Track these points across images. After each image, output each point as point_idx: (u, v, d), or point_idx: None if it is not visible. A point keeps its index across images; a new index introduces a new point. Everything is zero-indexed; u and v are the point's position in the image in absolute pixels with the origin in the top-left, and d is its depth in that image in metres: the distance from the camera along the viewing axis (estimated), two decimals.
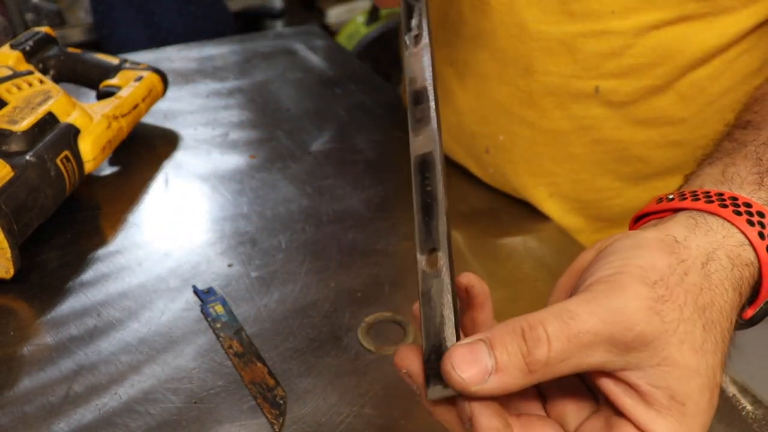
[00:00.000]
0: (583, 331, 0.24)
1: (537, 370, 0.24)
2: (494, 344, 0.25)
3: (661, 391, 0.25)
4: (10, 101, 0.56)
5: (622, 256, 0.27)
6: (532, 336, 0.24)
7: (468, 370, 0.24)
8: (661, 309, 0.25)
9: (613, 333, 0.24)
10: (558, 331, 0.24)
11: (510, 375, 0.24)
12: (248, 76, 0.86)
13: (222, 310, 0.48)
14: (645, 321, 0.24)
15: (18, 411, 0.40)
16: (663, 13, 0.49)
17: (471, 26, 0.56)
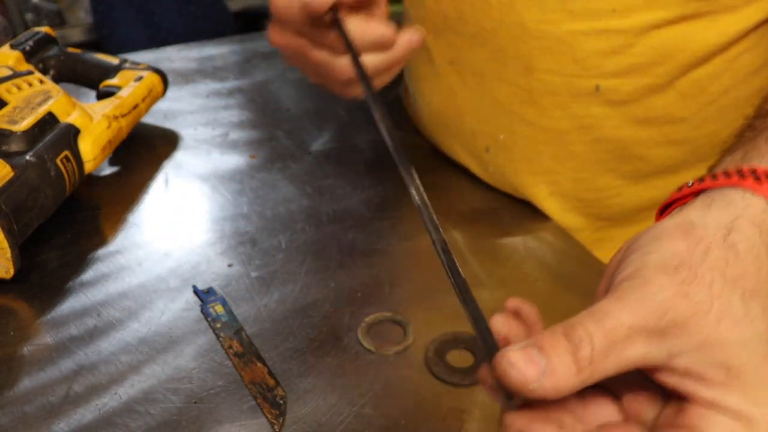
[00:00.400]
0: (617, 325, 0.25)
1: (585, 368, 0.25)
2: (543, 347, 0.26)
3: (715, 370, 0.25)
4: (10, 101, 0.56)
5: (642, 252, 0.27)
6: (574, 336, 0.25)
7: (524, 368, 0.25)
8: (689, 291, 0.25)
9: (647, 322, 0.25)
10: (595, 329, 0.25)
11: (561, 375, 0.25)
12: (248, 76, 0.86)
13: (222, 310, 0.48)
14: (674, 307, 0.25)
15: (18, 411, 0.40)
16: (664, 11, 0.49)
17: (471, 25, 0.56)
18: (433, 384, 0.43)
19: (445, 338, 0.46)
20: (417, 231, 0.58)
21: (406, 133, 0.71)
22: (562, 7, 0.50)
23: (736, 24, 0.50)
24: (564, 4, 0.50)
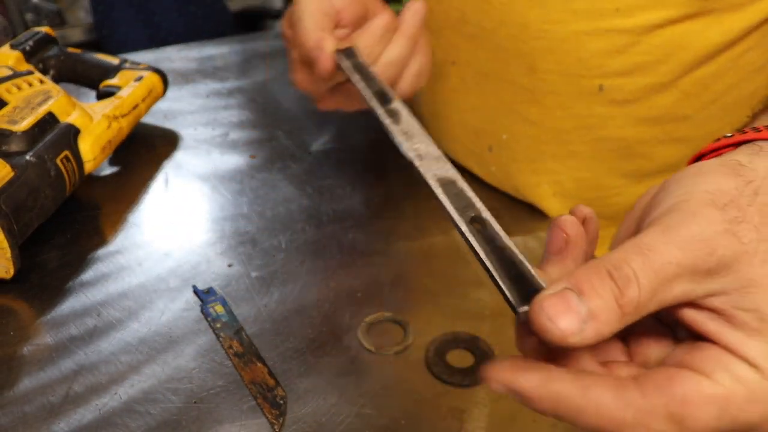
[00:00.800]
0: (666, 263, 0.23)
1: (630, 312, 0.23)
2: (583, 290, 0.23)
3: (750, 314, 0.24)
4: (10, 101, 0.56)
5: (685, 184, 0.26)
6: (621, 276, 0.23)
7: (564, 320, 0.23)
8: (737, 230, 0.24)
9: (695, 261, 0.23)
10: (643, 267, 0.23)
11: (605, 321, 0.23)
12: (248, 76, 0.86)
13: (222, 310, 0.48)
14: (724, 245, 0.24)
15: (18, 411, 0.40)
16: (668, 10, 0.49)
17: (473, 25, 0.56)
18: (433, 384, 0.43)
19: (445, 338, 0.46)
20: (417, 231, 0.58)
21: None
22: (564, 7, 0.50)
23: (740, 22, 0.50)
24: (567, 4, 0.50)
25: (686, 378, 0.24)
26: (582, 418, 0.24)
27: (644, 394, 0.23)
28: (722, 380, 0.23)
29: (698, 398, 0.23)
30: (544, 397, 0.24)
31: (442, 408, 0.42)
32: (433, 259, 0.54)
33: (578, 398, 0.23)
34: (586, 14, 0.50)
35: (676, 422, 0.23)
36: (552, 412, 0.24)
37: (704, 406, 0.23)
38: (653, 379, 0.24)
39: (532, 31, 0.52)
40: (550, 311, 0.23)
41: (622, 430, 0.23)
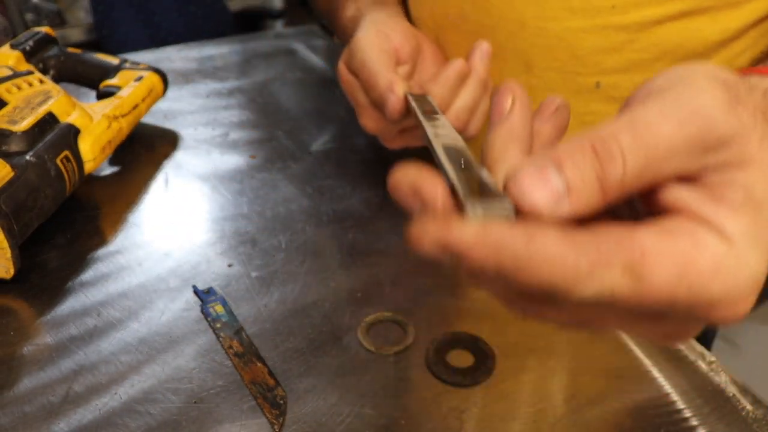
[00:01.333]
0: (660, 139, 0.22)
1: (611, 191, 0.22)
2: (563, 164, 0.22)
3: (738, 191, 0.22)
4: (10, 101, 0.56)
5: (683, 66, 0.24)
6: (605, 151, 0.22)
7: (539, 193, 0.21)
8: (737, 108, 0.23)
9: (693, 136, 0.22)
10: (632, 144, 0.22)
11: (583, 198, 0.22)
12: (248, 76, 0.86)
13: (222, 310, 0.48)
14: (725, 120, 0.22)
15: (18, 411, 0.40)
16: (664, 8, 0.49)
17: (471, 23, 0.56)
18: (433, 384, 0.43)
19: (445, 338, 0.46)
20: None
21: None
22: (561, 5, 0.51)
23: (737, 20, 0.50)
24: (564, 2, 0.50)
25: (647, 233, 0.22)
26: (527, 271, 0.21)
27: (599, 244, 0.21)
28: (685, 243, 0.22)
29: (658, 252, 0.21)
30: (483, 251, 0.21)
31: (442, 408, 0.42)
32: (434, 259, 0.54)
33: (523, 247, 0.21)
34: (583, 12, 0.50)
35: (633, 275, 0.21)
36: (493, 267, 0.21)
37: (664, 261, 0.21)
38: (610, 231, 0.22)
39: (530, 28, 0.52)
40: (525, 184, 0.21)
41: (572, 284, 0.21)
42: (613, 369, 0.44)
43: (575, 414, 0.41)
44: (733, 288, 0.22)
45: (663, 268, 0.21)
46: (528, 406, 0.42)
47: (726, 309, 0.23)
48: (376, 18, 0.53)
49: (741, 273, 0.22)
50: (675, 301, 0.22)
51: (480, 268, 0.21)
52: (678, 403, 0.42)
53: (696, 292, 0.22)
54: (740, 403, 0.42)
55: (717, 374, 0.44)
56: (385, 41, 0.50)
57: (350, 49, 0.51)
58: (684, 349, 0.46)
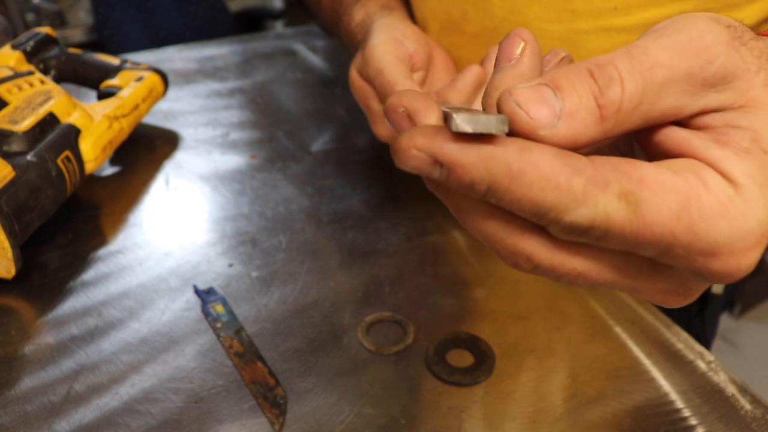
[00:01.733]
0: (657, 64, 0.21)
1: (609, 117, 0.21)
2: (561, 86, 0.21)
3: (743, 132, 0.21)
4: (11, 101, 0.56)
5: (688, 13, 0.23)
6: (603, 75, 0.21)
7: (537, 109, 0.20)
8: (740, 48, 0.22)
9: (691, 66, 0.21)
10: (630, 67, 0.21)
11: (581, 121, 0.21)
12: (249, 76, 0.86)
13: (222, 309, 0.48)
14: (726, 54, 0.21)
15: (19, 410, 0.41)
16: (666, 9, 0.49)
17: (474, 24, 0.56)
18: (433, 383, 0.43)
19: (445, 338, 0.46)
20: (417, 231, 0.58)
21: None
22: (563, 6, 0.51)
23: None
24: (566, 3, 0.50)
25: (648, 165, 0.21)
26: (518, 187, 0.20)
27: (596, 167, 0.20)
28: (688, 179, 0.21)
29: (657, 183, 0.20)
30: (473, 161, 0.20)
31: (442, 407, 0.42)
32: (434, 259, 0.55)
33: (515, 158, 0.20)
34: (585, 13, 0.50)
35: (630, 203, 0.20)
36: (483, 180, 0.20)
37: (663, 193, 0.20)
38: (608, 158, 0.21)
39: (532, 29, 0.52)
40: (521, 99, 0.20)
41: (564, 205, 0.20)
42: (613, 369, 0.45)
43: (574, 413, 0.41)
44: (738, 234, 0.21)
45: (662, 200, 0.20)
46: (527, 406, 0.42)
47: (728, 259, 0.21)
48: (388, 23, 0.53)
49: (747, 219, 0.21)
50: (673, 240, 0.21)
51: (469, 181, 0.20)
52: (677, 402, 0.42)
53: (697, 233, 0.21)
54: (739, 403, 0.42)
55: (716, 374, 0.44)
56: (400, 48, 0.50)
57: (364, 56, 0.50)
58: (683, 348, 0.46)
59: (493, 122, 0.19)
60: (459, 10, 0.57)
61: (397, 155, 0.21)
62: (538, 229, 0.22)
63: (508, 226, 0.22)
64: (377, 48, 0.49)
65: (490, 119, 0.19)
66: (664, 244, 0.21)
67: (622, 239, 0.21)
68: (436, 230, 0.58)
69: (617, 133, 0.22)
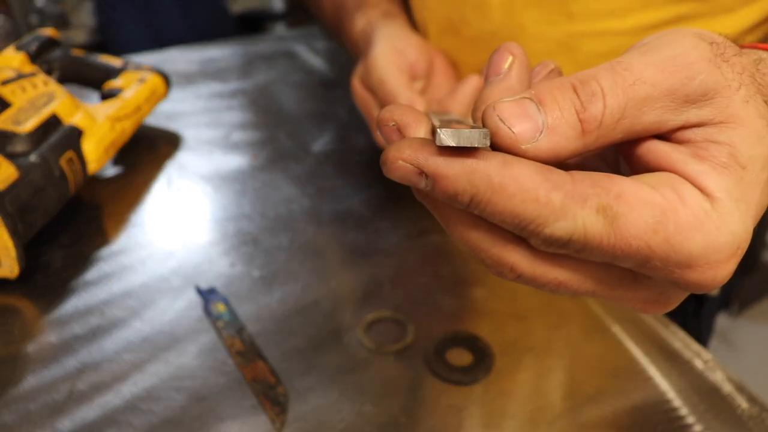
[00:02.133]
0: (639, 81, 0.22)
1: (591, 131, 0.21)
2: (543, 100, 0.22)
3: (722, 148, 0.22)
4: (14, 103, 0.56)
5: (673, 29, 0.24)
6: (586, 90, 0.22)
7: (519, 124, 0.21)
8: (721, 65, 0.22)
9: (673, 83, 0.22)
10: (612, 83, 0.22)
11: (563, 134, 0.21)
12: (250, 77, 0.87)
13: (224, 309, 0.49)
14: (707, 71, 0.22)
15: (22, 409, 0.41)
16: (661, 12, 0.49)
17: (473, 28, 0.57)
18: (433, 382, 0.44)
19: (445, 337, 0.46)
20: (417, 231, 0.58)
21: None
22: (561, 10, 0.51)
23: (733, 25, 0.50)
24: (563, 7, 0.51)
25: (626, 180, 0.22)
26: (499, 200, 0.21)
27: (575, 182, 0.21)
28: (665, 193, 0.22)
29: (634, 198, 0.21)
30: (457, 173, 0.20)
31: (442, 406, 0.42)
32: (433, 259, 0.55)
33: (497, 172, 0.20)
34: (582, 17, 0.51)
35: (608, 217, 0.21)
36: (466, 191, 0.21)
37: (640, 207, 0.21)
38: (587, 173, 0.22)
39: (530, 33, 0.53)
40: (504, 113, 0.21)
41: (543, 218, 0.21)
42: (610, 368, 0.45)
43: (573, 412, 0.42)
44: (713, 247, 0.22)
45: (639, 214, 0.21)
46: (526, 404, 0.42)
47: (704, 270, 0.22)
48: (390, 33, 0.53)
49: (722, 233, 0.21)
50: (650, 253, 0.21)
51: (453, 192, 0.21)
52: (674, 401, 0.42)
53: (673, 245, 0.21)
54: (736, 401, 0.42)
55: (713, 372, 0.44)
56: (401, 58, 0.50)
57: (366, 66, 0.51)
58: (680, 347, 0.46)
59: (476, 136, 0.20)
60: (458, 14, 0.57)
61: (385, 166, 0.21)
62: (520, 240, 0.23)
63: (492, 237, 0.23)
64: (379, 58, 0.50)
65: (473, 133, 0.20)
66: (641, 256, 0.22)
67: (600, 252, 0.22)
68: (436, 230, 0.58)
69: (599, 147, 0.22)
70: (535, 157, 0.21)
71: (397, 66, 0.49)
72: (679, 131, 0.23)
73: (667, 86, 0.22)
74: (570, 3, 0.50)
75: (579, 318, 0.49)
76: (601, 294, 0.25)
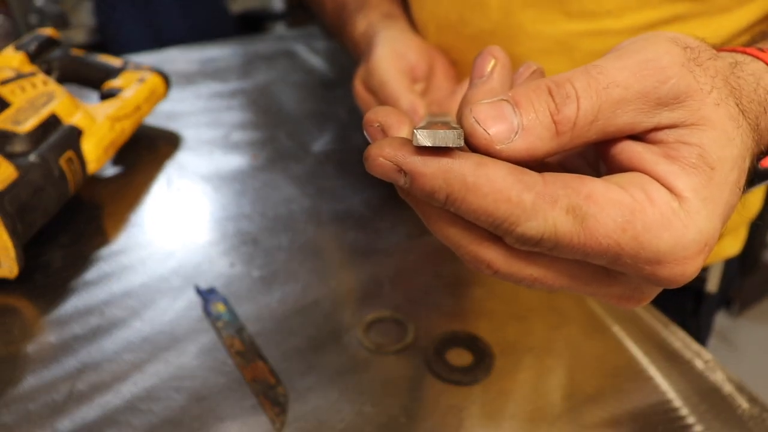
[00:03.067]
0: (612, 84, 0.23)
1: (565, 132, 0.23)
2: (519, 102, 0.23)
3: (692, 149, 0.23)
4: (14, 102, 0.56)
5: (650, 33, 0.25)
6: (560, 93, 0.23)
7: (494, 125, 0.22)
8: (694, 69, 0.23)
9: (645, 86, 0.23)
10: (586, 86, 0.23)
11: (537, 135, 0.22)
12: (250, 77, 0.87)
13: (224, 309, 0.49)
14: (679, 75, 0.23)
15: (22, 409, 0.41)
16: (659, 12, 0.49)
17: (471, 27, 0.57)
18: (433, 382, 0.44)
19: (445, 337, 0.46)
20: (417, 231, 0.58)
21: None
22: (558, 9, 0.51)
23: (730, 25, 0.50)
24: (560, 6, 0.51)
25: (596, 181, 0.23)
26: (473, 199, 0.22)
27: (546, 183, 0.22)
28: (634, 193, 0.23)
29: (603, 198, 0.22)
30: (433, 172, 0.22)
31: (442, 406, 0.42)
32: (433, 259, 0.55)
33: (471, 172, 0.21)
34: (579, 16, 0.51)
35: (577, 217, 0.22)
36: (442, 190, 0.22)
37: (608, 207, 0.22)
38: (559, 175, 0.23)
39: (527, 32, 0.53)
40: (480, 115, 0.22)
41: (515, 218, 0.22)
42: (610, 368, 0.45)
43: (573, 412, 0.42)
44: (681, 245, 0.22)
45: (607, 213, 0.22)
46: (526, 404, 0.42)
47: (673, 267, 0.23)
48: (391, 35, 0.54)
49: (689, 231, 0.22)
50: (620, 250, 0.22)
51: (430, 189, 0.22)
52: (674, 401, 0.42)
53: (642, 243, 0.22)
54: (736, 401, 0.42)
55: (713, 372, 0.44)
56: (402, 61, 0.51)
57: (368, 68, 0.52)
58: (681, 347, 0.46)
59: (451, 137, 0.21)
60: (456, 13, 0.57)
61: (367, 162, 0.23)
62: (496, 238, 0.24)
63: (469, 235, 0.24)
64: (380, 61, 0.50)
65: (448, 134, 0.21)
66: (611, 254, 0.23)
67: (571, 250, 0.23)
68: None
69: (575, 147, 0.23)
70: (509, 157, 0.22)
71: (397, 69, 0.50)
72: (652, 132, 0.24)
73: (639, 89, 0.23)
74: (568, 2, 0.51)
75: (579, 318, 0.49)
76: (576, 289, 0.26)
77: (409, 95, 0.48)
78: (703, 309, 0.67)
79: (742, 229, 0.66)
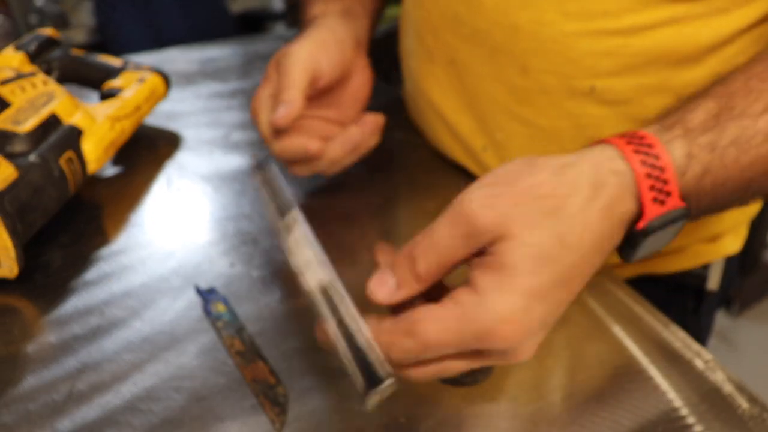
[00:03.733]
0: (440, 239, 0.34)
1: (423, 279, 0.35)
2: (395, 267, 0.35)
3: (495, 257, 0.33)
4: (13, 102, 0.56)
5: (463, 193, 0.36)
6: (412, 258, 0.35)
7: (380, 291, 0.36)
8: (494, 202, 0.33)
9: (463, 230, 0.33)
10: (426, 248, 0.34)
11: (408, 287, 0.35)
12: (250, 77, 0.87)
13: (224, 309, 0.49)
14: (481, 213, 0.33)
15: (22, 409, 0.41)
16: (657, 12, 0.49)
17: (467, 26, 0.57)
18: (433, 382, 0.43)
19: None
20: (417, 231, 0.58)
21: (407, 134, 0.72)
22: (555, 9, 0.51)
23: (729, 26, 0.50)
24: (558, 6, 0.51)
25: (425, 308, 0.34)
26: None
27: (395, 322, 0.34)
28: (446, 304, 0.33)
29: (424, 318, 0.33)
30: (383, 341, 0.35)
31: (442, 406, 0.42)
32: None
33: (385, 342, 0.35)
34: (577, 16, 0.51)
35: (412, 336, 0.33)
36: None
37: (427, 322, 0.33)
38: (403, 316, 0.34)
39: (524, 32, 0.53)
40: (372, 288, 0.36)
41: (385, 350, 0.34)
42: (611, 368, 0.45)
43: (573, 412, 0.42)
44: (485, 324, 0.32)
45: (427, 326, 0.33)
46: (526, 405, 0.42)
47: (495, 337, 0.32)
48: (321, 37, 0.58)
49: (487, 313, 0.32)
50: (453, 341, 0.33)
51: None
52: (675, 401, 0.42)
53: (461, 337, 0.33)
54: (736, 402, 0.42)
55: (713, 372, 0.44)
56: (313, 63, 0.56)
57: (286, 50, 0.57)
58: (681, 347, 0.46)
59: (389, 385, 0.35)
60: (452, 12, 0.57)
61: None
62: None
63: None
64: (297, 52, 0.56)
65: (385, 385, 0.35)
66: (450, 345, 0.33)
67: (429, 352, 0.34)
68: None
69: (434, 282, 0.35)
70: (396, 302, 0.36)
71: (304, 67, 0.55)
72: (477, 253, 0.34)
73: (459, 233, 0.34)
74: (565, 2, 0.50)
75: (579, 318, 0.49)
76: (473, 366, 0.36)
77: (295, 91, 0.53)
78: (704, 307, 0.67)
79: (743, 227, 0.66)
